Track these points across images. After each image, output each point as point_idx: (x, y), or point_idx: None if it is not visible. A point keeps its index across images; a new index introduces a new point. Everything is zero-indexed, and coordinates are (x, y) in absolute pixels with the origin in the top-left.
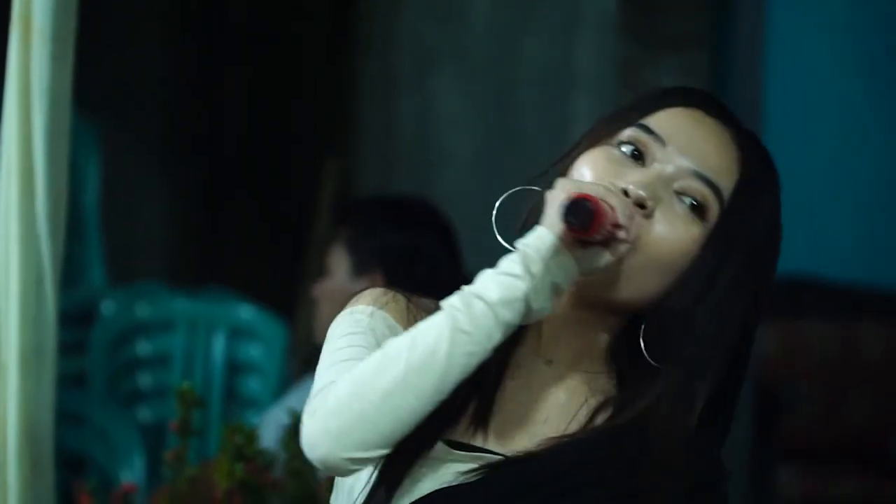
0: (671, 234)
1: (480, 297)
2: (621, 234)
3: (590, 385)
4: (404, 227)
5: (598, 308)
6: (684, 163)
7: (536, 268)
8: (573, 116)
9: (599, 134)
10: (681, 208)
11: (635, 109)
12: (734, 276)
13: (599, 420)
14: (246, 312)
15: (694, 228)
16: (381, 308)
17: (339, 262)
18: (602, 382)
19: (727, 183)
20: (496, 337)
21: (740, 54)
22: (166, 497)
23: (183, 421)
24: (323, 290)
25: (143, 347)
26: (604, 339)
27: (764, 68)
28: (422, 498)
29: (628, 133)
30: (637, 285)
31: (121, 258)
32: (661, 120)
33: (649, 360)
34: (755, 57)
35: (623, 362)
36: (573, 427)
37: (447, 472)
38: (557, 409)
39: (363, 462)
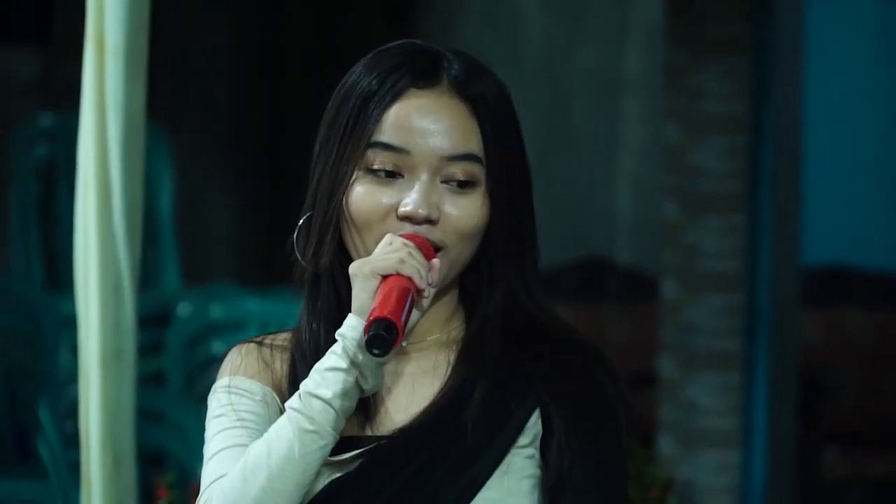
0: (462, 218)
1: (316, 396)
2: (424, 293)
3: (446, 341)
4: None
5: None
6: (433, 156)
7: (359, 357)
8: (623, 118)
9: (347, 143)
10: (454, 190)
11: (366, 111)
12: (520, 197)
13: (466, 363)
14: None
15: (474, 198)
16: (234, 375)
17: None
18: (457, 328)
19: (476, 142)
20: (341, 424)
21: (781, 57)
22: None
23: None
24: None
25: (218, 347)
26: (447, 303)
27: (803, 69)
28: (316, 495)
29: (373, 158)
30: (460, 264)
31: (195, 262)
32: (392, 126)
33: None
34: (796, 59)
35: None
36: (444, 381)
37: (336, 468)
38: (421, 377)
39: None
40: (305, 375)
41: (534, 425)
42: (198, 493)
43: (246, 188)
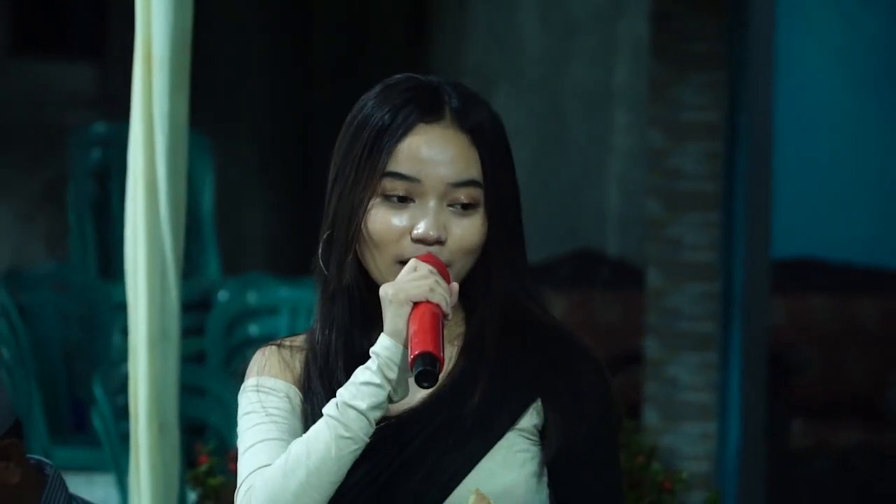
0: (466, 237)
1: (352, 407)
2: (448, 317)
3: (448, 337)
4: None
5: None
6: (441, 184)
7: (392, 373)
8: (613, 127)
9: (363, 172)
10: (458, 212)
11: (379, 144)
12: (512, 214)
13: (468, 357)
14: None
15: (475, 218)
16: (260, 375)
17: None
18: (457, 326)
19: (476, 169)
20: (371, 430)
21: (754, 71)
22: None
23: None
24: None
25: (253, 329)
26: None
27: (774, 82)
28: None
29: (387, 186)
30: (462, 275)
31: (233, 253)
32: (404, 158)
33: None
34: (767, 73)
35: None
36: (447, 373)
37: None
38: None
39: None
40: (315, 375)
41: (532, 412)
42: (235, 459)
43: (279, 188)
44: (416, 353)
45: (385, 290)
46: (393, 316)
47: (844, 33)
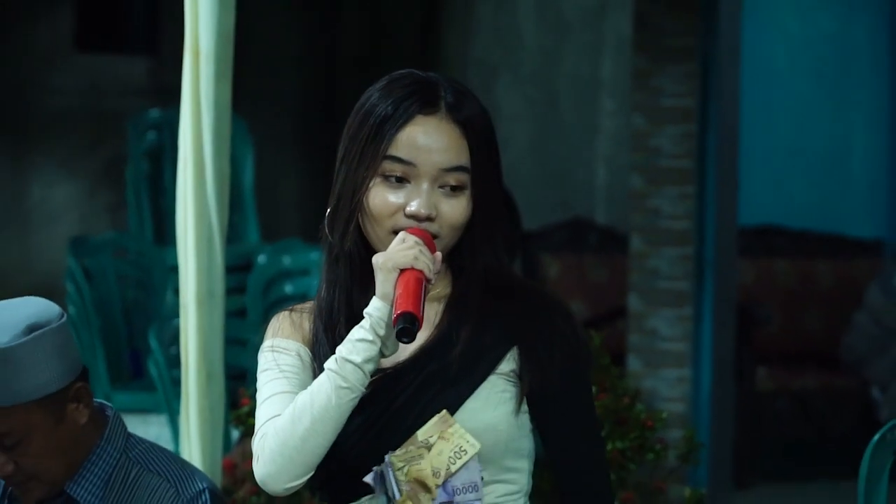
0: (453, 215)
1: (349, 361)
2: (432, 282)
3: (436, 297)
4: None
5: None
6: (434, 169)
7: (382, 331)
8: (600, 112)
9: (367, 154)
10: (448, 193)
11: (382, 131)
12: (494, 196)
13: (453, 313)
14: None
15: (462, 199)
16: (275, 337)
17: None
18: (445, 288)
19: (465, 157)
20: (367, 380)
21: (723, 63)
22: None
23: None
24: None
25: (288, 288)
26: (439, 271)
27: (740, 72)
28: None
29: (387, 167)
30: (449, 247)
31: (270, 222)
32: (403, 144)
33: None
34: (734, 64)
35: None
36: (435, 327)
37: None
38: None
39: (298, 486)
40: (320, 331)
41: (510, 358)
42: None
43: (310, 165)
44: (398, 312)
45: (376, 259)
46: (383, 281)
47: (803, 29)
